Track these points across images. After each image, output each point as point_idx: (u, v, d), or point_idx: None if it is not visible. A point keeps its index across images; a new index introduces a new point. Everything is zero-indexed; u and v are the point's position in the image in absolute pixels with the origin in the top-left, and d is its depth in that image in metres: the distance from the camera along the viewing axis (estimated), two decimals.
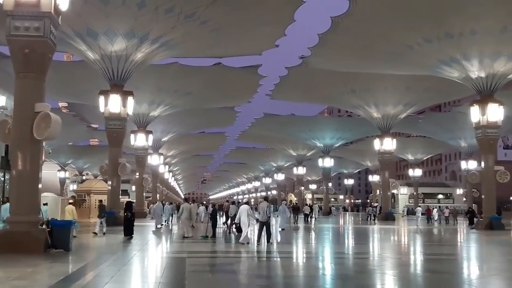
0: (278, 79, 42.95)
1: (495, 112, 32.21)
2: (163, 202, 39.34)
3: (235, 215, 23.26)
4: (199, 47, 32.77)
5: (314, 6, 72.76)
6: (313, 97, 50.65)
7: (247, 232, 19.41)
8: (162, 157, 60.29)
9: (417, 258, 17.84)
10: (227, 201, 33.02)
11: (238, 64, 39.36)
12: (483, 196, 34.87)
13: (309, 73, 39.12)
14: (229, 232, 25.45)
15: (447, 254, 18.93)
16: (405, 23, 28.91)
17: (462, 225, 38.79)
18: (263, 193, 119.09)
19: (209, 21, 28.01)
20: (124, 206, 22.90)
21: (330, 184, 79.20)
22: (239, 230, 22.55)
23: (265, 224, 19.10)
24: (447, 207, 45.42)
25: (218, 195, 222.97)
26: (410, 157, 77.75)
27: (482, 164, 34.14)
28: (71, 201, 20.70)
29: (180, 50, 32.30)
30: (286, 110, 65.11)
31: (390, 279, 12.39)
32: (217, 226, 24.03)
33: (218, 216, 25.20)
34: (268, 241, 19.20)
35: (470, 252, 20.22)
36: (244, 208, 19.85)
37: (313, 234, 28.12)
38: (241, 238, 19.42)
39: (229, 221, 27.16)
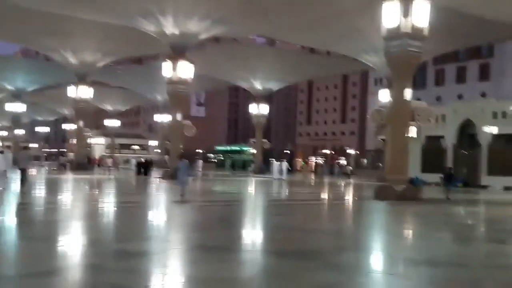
0: None
1: (186, 70, 34.27)
2: None
3: None
4: None
5: None
6: (6, 35, 45.45)
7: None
8: None
9: (111, 206, 18.46)
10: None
11: None
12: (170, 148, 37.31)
13: (2, 8, 34.77)
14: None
15: (135, 202, 19.62)
16: None
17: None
18: None
19: None
20: None
21: (22, 132, 73.69)
22: None
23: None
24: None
25: None
26: (109, 107, 77.62)
27: (171, 117, 36.34)
28: None
29: None
30: None
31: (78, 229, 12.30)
32: None
33: None
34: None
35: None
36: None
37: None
38: None
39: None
